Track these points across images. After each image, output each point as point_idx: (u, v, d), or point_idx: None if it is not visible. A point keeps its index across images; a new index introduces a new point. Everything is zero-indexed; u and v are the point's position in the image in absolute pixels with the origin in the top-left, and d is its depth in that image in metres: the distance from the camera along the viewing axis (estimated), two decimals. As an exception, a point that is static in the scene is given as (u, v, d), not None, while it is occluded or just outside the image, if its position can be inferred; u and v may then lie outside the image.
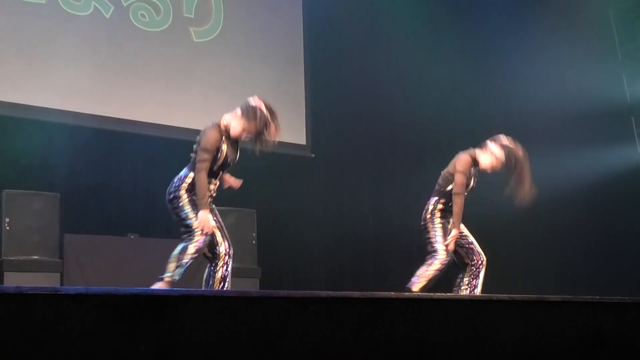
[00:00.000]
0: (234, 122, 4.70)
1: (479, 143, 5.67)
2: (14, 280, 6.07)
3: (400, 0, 8.95)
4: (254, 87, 8.20)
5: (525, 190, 5.46)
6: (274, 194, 8.14)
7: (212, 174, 4.67)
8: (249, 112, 4.69)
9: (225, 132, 4.68)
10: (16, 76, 6.89)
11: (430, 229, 5.49)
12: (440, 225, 5.48)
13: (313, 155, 8.71)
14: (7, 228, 6.26)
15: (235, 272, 7.31)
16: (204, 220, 4.52)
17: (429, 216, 5.52)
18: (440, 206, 5.50)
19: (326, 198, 8.81)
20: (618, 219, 8.02)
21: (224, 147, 4.66)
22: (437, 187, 5.58)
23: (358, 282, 8.01)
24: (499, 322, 3.55)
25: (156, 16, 7.76)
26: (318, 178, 8.80)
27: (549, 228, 8.33)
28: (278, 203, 8.20)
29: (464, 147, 5.60)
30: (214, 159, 4.62)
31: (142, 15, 7.67)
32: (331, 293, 3.10)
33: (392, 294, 3.31)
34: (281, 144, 8.43)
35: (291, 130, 8.60)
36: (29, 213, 6.40)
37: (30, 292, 2.30)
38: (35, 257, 6.37)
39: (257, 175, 8.00)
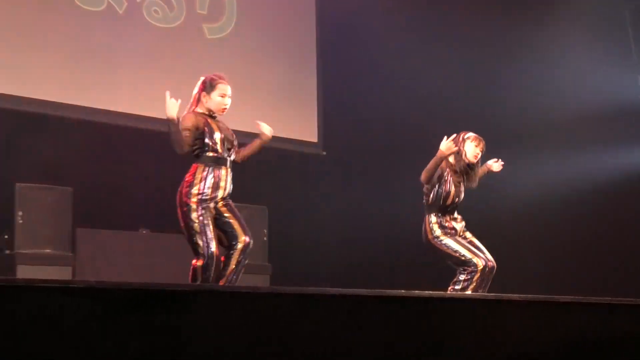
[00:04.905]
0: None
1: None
2: (27, 274, 6.10)
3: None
4: (266, 84, 8.24)
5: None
6: (286, 191, 8.15)
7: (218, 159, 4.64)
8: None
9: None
10: (29, 71, 6.92)
11: (442, 247, 5.39)
12: (448, 236, 5.40)
13: (324, 153, 8.71)
14: (20, 221, 6.29)
15: (246, 269, 7.33)
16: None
17: (430, 236, 5.44)
18: (435, 221, 5.44)
19: (337, 195, 8.80)
20: (629, 219, 7.97)
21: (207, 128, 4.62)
22: (424, 202, 5.55)
23: (369, 279, 8.00)
24: (508, 322, 3.54)
25: (169, 12, 7.78)
26: (329, 175, 8.80)
27: (558, 228, 8.29)
28: (289, 200, 8.20)
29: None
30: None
31: (156, 12, 7.69)
32: (341, 290, 3.10)
33: (403, 292, 3.31)
34: (293, 141, 8.56)
35: (303, 127, 8.61)
36: (42, 207, 6.42)
37: (41, 285, 2.32)
38: (48, 250, 6.40)
39: (268, 172, 8.03)
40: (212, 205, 4.55)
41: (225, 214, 4.63)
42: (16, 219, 6.29)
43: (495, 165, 5.61)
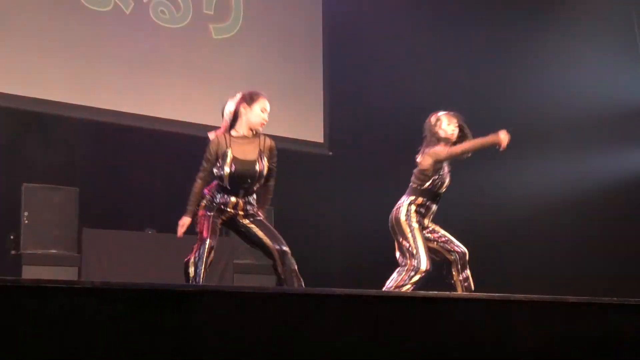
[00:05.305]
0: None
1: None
2: (32, 274, 6.12)
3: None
4: (272, 85, 8.23)
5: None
6: (292, 191, 8.13)
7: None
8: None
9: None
10: (36, 71, 6.94)
11: (407, 232, 5.17)
12: (418, 228, 5.15)
13: (331, 153, 8.71)
14: (26, 222, 6.31)
15: (252, 269, 7.34)
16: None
17: (404, 218, 5.22)
18: (415, 207, 5.20)
19: (344, 196, 8.80)
20: (638, 220, 7.95)
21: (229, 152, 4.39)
22: (411, 185, 5.29)
23: (375, 280, 7.99)
24: (515, 322, 3.53)
25: (176, 13, 7.79)
26: (336, 176, 8.79)
27: (565, 229, 8.26)
28: (296, 201, 8.19)
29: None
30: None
31: (162, 12, 7.70)
32: (347, 291, 3.09)
33: (409, 292, 3.30)
34: (299, 141, 8.56)
35: (309, 128, 8.61)
36: (48, 207, 6.44)
37: (47, 285, 2.31)
38: (54, 251, 6.41)
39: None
40: (224, 216, 4.50)
41: (250, 226, 4.55)
42: (22, 220, 6.30)
43: None
